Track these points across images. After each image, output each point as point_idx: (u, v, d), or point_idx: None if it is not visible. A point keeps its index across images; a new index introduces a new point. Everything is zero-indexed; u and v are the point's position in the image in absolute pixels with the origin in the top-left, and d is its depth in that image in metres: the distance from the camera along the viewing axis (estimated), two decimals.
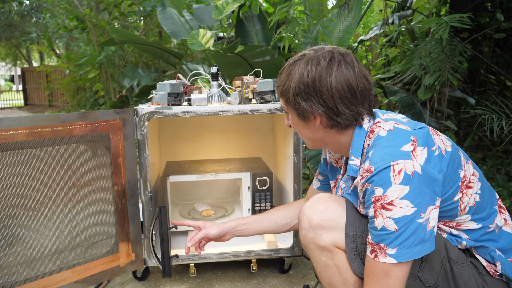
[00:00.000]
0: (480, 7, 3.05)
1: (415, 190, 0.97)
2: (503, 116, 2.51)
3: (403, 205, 0.97)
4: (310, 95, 1.06)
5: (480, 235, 1.12)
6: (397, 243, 0.98)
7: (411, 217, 0.97)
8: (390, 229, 0.98)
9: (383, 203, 0.99)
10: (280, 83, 1.13)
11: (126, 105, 4.41)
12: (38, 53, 18.60)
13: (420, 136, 1.04)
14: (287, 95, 1.11)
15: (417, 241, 0.98)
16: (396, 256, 0.98)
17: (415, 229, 0.98)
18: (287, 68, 1.12)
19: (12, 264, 1.42)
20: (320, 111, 1.07)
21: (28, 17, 13.83)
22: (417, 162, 0.99)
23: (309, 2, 2.58)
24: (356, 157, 1.11)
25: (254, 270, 1.89)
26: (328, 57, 1.05)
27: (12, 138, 1.37)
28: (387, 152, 1.01)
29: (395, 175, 0.98)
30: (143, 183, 1.71)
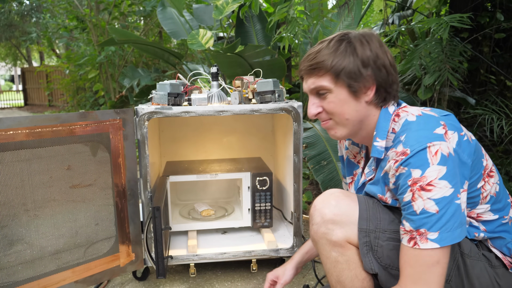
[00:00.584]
0: (480, 7, 3.05)
1: (451, 171, 0.99)
2: (503, 116, 2.51)
3: (442, 185, 0.97)
4: (370, 65, 1.09)
5: (496, 226, 1.13)
6: (439, 226, 0.97)
7: (450, 198, 0.97)
8: (431, 211, 0.97)
9: (422, 184, 0.98)
10: (326, 57, 1.10)
11: (126, 105, 4.41)
12: (38, 53, 18.60)
13: (449, 121, 1.06)
14: (341, 67, 1.09)
15: (457, 223, 0.98)
16: (438, 240, 0.97)
17: (455, 211, 0.98)
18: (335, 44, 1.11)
19: (12, 264, 1.42)
20: (375, 81, 1.10)
21: (28, 17, 13.83)
22: (451, 144, 1.01)
23: (309, 2, 2.58)
24: (382, 138, 1.12)
25: (254, 270, 1.89)
26: (377, 37, 1.12)
27: (12, 138, 1.37)
28: (422, 134, 1.02)
29: (432, 156, 0.98)
30: (143, 183, 1.71)
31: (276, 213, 2.24)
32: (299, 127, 1.75)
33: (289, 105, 1.73)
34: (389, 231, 1.11)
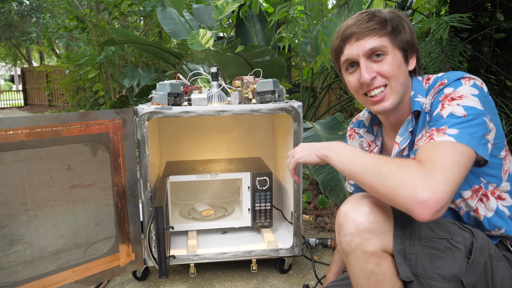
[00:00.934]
0: (480, 7, 3.05)
1: (483, 96, 1.00)
2: (503, 116, 2.51)
3: (474, 99, 0.98)
4: (415, 36, 1.16)
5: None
6: (462, 126, 0.95)
7: (480, 112, 0.97)
8: (459, 114, 0.97)
9: (454, 96, 1.00)
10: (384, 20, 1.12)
11: (126, 105, 4.41)
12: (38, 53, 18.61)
13: None
14: (399, 30, 1.12)
15: (478, 135, 0.95)
16: (457, 136, 0.94)
17: (481, 123, 0.96)
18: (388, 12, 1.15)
19: (12, 264, 1.42)
20: (417, 50, 1.17)
21: (28, 17, 13.83)
22: (484, 86, 1.03)
23: (309, 2, 2.58)
24: (423, 96, 1.12)
25: (254, 270, 1.89)
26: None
27: (12, 138, 1.37)
28: (455, 73, 1.06)
29: (465, 80, 1.02)
30: (143, 183, 1.71)
31: (276, 213, 2.24)
32: (299, 127, 1.75)
33: (289, 105, 1.73)
34: (424, 237, 1.05)
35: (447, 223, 1.08)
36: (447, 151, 0.92)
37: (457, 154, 0.91)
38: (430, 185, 0.87)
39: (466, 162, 0.92)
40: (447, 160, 0.90)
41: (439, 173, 0.88)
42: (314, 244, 2.15)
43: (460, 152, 0.92)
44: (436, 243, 1.04)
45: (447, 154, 0.91)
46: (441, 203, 0.86)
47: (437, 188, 0.86)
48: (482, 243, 1.05)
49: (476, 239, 1.05)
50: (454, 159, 0.91)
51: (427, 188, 0.86)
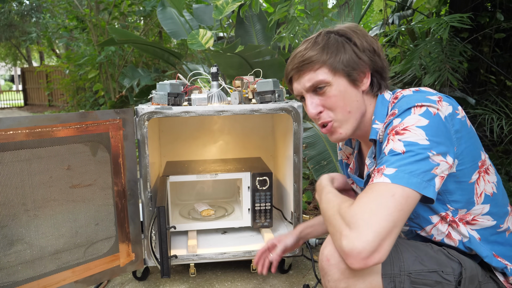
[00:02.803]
0: (480, 7, 3.05)
1: (433, 127, 0.93)
2: (503, 116, 2.51)
3: (418, 133, 0.92)
4: (365, 51, 1.08)
5: (491, 234, 1.06)
6: (398, 164, 0.90)
7: (422, 147, 0.91)
8: (398, 151, 0.92)
9: (398, 129, 0.95)
10: (315, 53, 1.08)
11: (126, 105, 4.41)
12: (38, 53, 18.60)
13: (447, 97, 1.03)
14: (337, 58, 1.07)
15: (419, 172, 0.90)
16: (392, 177, 0.89)
17: (422, 159, 0.90)
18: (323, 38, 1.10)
19: (12, 264, 1.42)
20: (369, 66, 1.08)
21: (28, 17, 13.83)
22: (442, 111, 0.96)
23: (309, 1, 2.58)
24: (381, 121, 1.08)
25: (254, 270, 1.89)
26: (362, 28, 1.12)
27: (12, 138, 1.37)
28: (413, 97, 1.00)
29: (416, 109, 0.96)
30: (143, 183, 1.71)
31: (276, 213, 2.24)
32: (299, 127, 1.75)
33: (289, 105, 1.73)
34: (414, 273, 1.02)
35: (434, 253, 1.05)
36: (378, 194, 0.88)
37: (387, 197, 0.87)
38: (350, 236, 0.85)
39: (401, 204, 0.87)
40: (374, 205, 0.87)
41: (362, 220, 0.85)
42: (314, 244, 2.15)
43: (392, 194, 0.87)
44: (425, 277, 1.01)
45: (376, 197, 0.88)
46: (365, 253, 0.84)
47: (356, 239, 0.84)
48: (471, 272, 1.03)
49: (465, 269, 1.02)
50: (382, 203, 0.87)
51: (347, 239, 0.85)
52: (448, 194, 1.03)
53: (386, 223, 0.85)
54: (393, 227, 0.86)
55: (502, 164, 2.92)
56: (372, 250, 0.84)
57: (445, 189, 1.02)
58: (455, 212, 1.05)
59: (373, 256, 0.84)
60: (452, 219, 1.06)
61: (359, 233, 0.84)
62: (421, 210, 1.07)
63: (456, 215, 1.05)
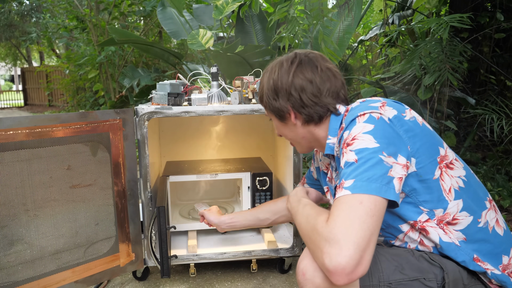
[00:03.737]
0: (480, 7, 3.05)
1: (379, 129, 0.96)
2: (503, 116, 2.51)
3: (366, 138, 0.95)
4: (278, 94, 1.14)
5: (474, 231, 1.04)
6: (355, 174, 0.91)
7: (372, 150, 0.93)
8: (351, 160, 0.94)
9: (348, 141, 0.98)
10: (258, 92, 1.23)
11: (126, 105, 4.41)
12: (38, 53, 18.61)
13: (392, 101, 1.06)
14: (262, 101, 1.21)
15: (376, 177, 0.90)
16: (351, 188, 0.90)
17: (376, 163, 0.92)
18: (261, 76, 1.22)
19: (12, 264, 1.42)
20: (289, 106, 1.14)
21: (28, 17, 13.83)
22: (385, 114, 0.99)
23: (309, 1, 2.58)
24: (333, 135, 1.12)
25: (254, 270, 1.89)
26: (290, 59, 1.15)
27: (12, 138, 1.37)
28: (357, 109, 1.04)
29: (360, 118, 1.00)
30: (143, 183, 1.71)
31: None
32: None
33: None
34: (394, 282, 1.01)
35: (415, 259, 1.04)
36: (346, 206, 0.88)
37: (356, 207, 0.87)
38: (332, 253, 0.84)
39: (370, 209, 0.87)
40: (346, 218, 0.86)
41: (340, 234, 0.85)
42: None
43: (359, 202, 0.87)
44: (407, 286, 1.00)
45: (346, 209, 0.87)
46: (349, 268, 0.83)
47: (338, 255, 0.83)
48: (454, 276, 1.01)
49: (447, 274, 1.01)
50: (353, 213, 0.86)
51: (329, 257, 0.84)
52: (416, 194, 1.02)
53: (363, 232, 0.85)
54: (370, 235, 0.86)
55: (502, 164, 2.92)
56: (355, 263, 0.83)
57: (411, 189, 1.02)
58: (431, 213, 1.03)
59: (357, 269, 0.84)
60: (422, 227, 1.04)
61: (339, 248, 0.83)
62: (390, 219, 1.07)
63: (434, 217, 1.04)
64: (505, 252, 1.07)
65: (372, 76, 4.37)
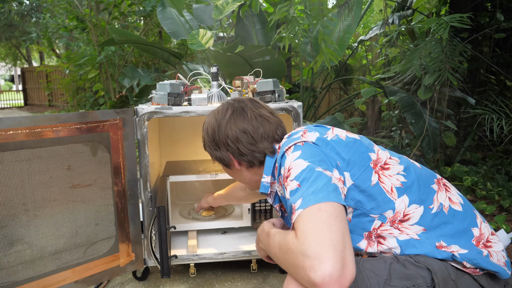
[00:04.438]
0: (480, 7, 3.05)
1: (307, 152, 1.03)
2: (503, 116, 2.51)
3: (298, 163, 1.01)
4: (217, 144, 1.23)
5: (430, 219, 1.05)
6: (300, 194, 0.93)
7: (308, 168, 0.98)
8: (294, 188, 0.97)
9: (285, 174, 1.03)
10: (202, 140, 1.29)
11: (126, 105, 4.41)
12: (38, 53, 18.61)
13: (312, 127, 1.15)
14: (205, 149, 1.29)
15: (321, 186, 0.93)
16: (302, 205, 0.91)
17: (316, 177, 0.95)
18: (203, 124, 1.29)
19: (12, 264, 1.42)
20: (230, 155, 1.22)
21: (28, 17, 13.83)
22: (308, 139, 1.08)
23: (309, 1, 2.58)
24: (267, 174, 1.19)
25: (254, 270, 1.89)
26: (224, 109, 1.22)
27: (12, 138, 1.37)
28: (284, 145, 1.11)
29: (288, 151, 1.07)
30: (143, 183, 1.71)
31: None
32: (299, 127, 1.75)
33: (289, 105, 1.73)
34: None
35: (401, 266, 1.03)
36: (307, 219, 0.89)
37: (316, 215, 0.88)
38: (313, 264, 0.82)
39: (331, 212, 0.88)
40: (312, 228, 0.86)
41: (313, 242, 0.84)
42: None
43: (318, 209, 0.89)
44: None
45: (309, 221, 0.88)
46: (337, 271, 0.81)
47: (321, 264, 0.81)
48: (442, 275, 1.01)
49: (435, 274, 1.01)
50: (317, 220, 0.87)
51: (314, 270, 0.82)
52: (362, 205, 1.05)
53: (334, 233, 0.85)
54: (342, 235, 0.85)
55: (502, 164, 2.92)
56: (340, 266, 0.82)
57: (356, 201, 1.04)
58: (382, 217, 1.04)
59: (344, 272, 0.82)
60: (377, 234, 1.05)
61: (319, 258, 0.82)
62: None
63: (386, 220, 1.04)
64: (472, 225, 1.09)
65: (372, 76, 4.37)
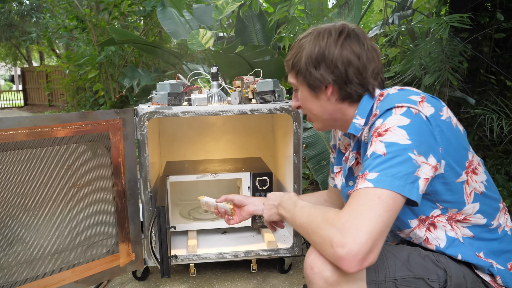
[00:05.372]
0: (480, 7, 3.05)
1: (415, 126, 0.93)
2: (503, 116, 2.51)
3: (399, 133, 0.93)
4: (321, 63, 1.06)
5: (483, 231, 1.06)
6: (380, 168, 0.90)
7: (403, 147, 0.91)
8: (379, 152, 0.92)
9: (380, 130, 0.95)
10: (290, 57, 1.13)
11: (126, 105, 4.41)
12: (38, 53, 18.60)
13: (431, 98, 1.02)
14: (298, 66, 1.10)
15: (402, 174, 0.89)
16: (375, 181, 0.89)
17: (404, 160, 0.90)
18: (298, 42, 1.13)
19: (12, 264, 1.42)
20: (330, 79, 1.07)
21: (28, 17, 13.83)
22: (423, 111, 0.96)
23: (309, 1, 2.58)
24: (362, 116, 1.08)
25: (254, 270, 1.89)
26: (338, 30, 1.07)
27: (12, 138, 1.37)
28: (395, 98, 1.00)
29: (397, 109, 0.96)
30: (143, 183, 1.71)
31: None
32: (299, 127, 1.75)
33: (289, 105, 1.73)
34: (399, 279, 1.02)
35: (421, 258, 1.05)
36: (365, 199, 0.88)
37: (374, 200, 0.87)
38: (345, 241, 0.85)
39: (388, 205, 0.87)
40: (363, 208, 0.87)
41: (353, 224, 0.85)
42: None
43: (378, 196, 0.88)
44: (410, 284, 1.01)
45: (364, 201, 0.88)
46: (361, 254, 0.84)
47: (351, 243, 0.84)
48: (457, 281, 1.02)
49: (450, 277, 1.02)
50: (371, 207, 0.87)
51: (341, 245, 0.85)
52: (437, 194, 1.02)
53: (377, 224, 0.85)
54: (384, 227, 0.87)
55: (502, 164, 2.92)
56: (367, 250, 0.84)
57: (433, 189, 1.01)
58: (445, 210, 1.04)
59: (369, 256, 0.85)
60: (432, 222, 1.05)
61: (353, 237, 0.84)
62: (401, 213, 1.06)
63: (446, 213, 1.05)
64: None
65: None
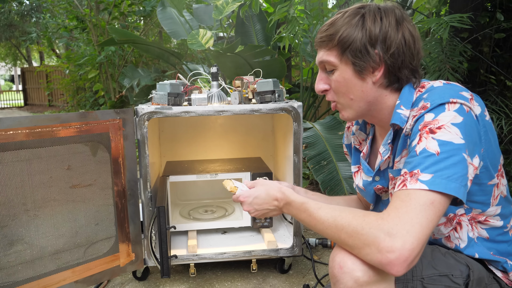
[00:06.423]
0: (480, 7, 3.05)
1: (467, 125, 0.89)
2: (503, 116, 2.51)
3: (452, 131, 0.87)
4: (380, 43, 0.99)
5: (498, 234, 1.07)
6: (435, 169, 0.85)
7: (457, 147, 0.86)
8: (431, 151, 0.87)
9: (432, 127, 0.89)
10: (334, 31, 1.02)
11: (126, 105, 4.41)
12: (38, 53, 18.61)
13: (476, 96, 0.99)
14: (348, 43, 1.00)
15: (457, 176, 0.85)
16: (429, 183, 0.84)
17: (459, 161, 0.86)
18: (349, 16, 1.03)
19: (12, 264, 1.42)
20: (387, 61, 1.00)
21: (28, 17, 13.83)
22: (474, 110, 0.93)
23: (309, 1, 2.58)
24: (407, 107, 1.01)
25: (254, 270, 1.89)
26: (398, 12, 1.02)
27: (12, 138, 1.37)
28: (447, 92, 0.94)
29: (450, 105, 0.91)
30: (143, 183, 1.71)
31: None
32: (299, 127, 1.75)
33: (289, 105, 1.73)
34: (426, 277, 1.02)
35: (442, 256, 1.05)
36: (417, 203, 0.85)
37: (427, 205, 0.84)
38: (395, 246, 0.82)
39: (439, 210, 0.85)
40: (415, 213, 0.84)
41: (404, 229, 0.83)
42: (314, 244, 2.15)
43: (431, 202, 0.85)
44: (436, 282, 1.01)
45: (416, 205, 0.85)
46: (410, 259, 0.83)
47: (402, 248, 0.82)
48: (479, 275, 1.02)
49: (472, 272, 1.02)
50: (423, 212, 0.84)
51: (391, 250, 0.82)
52: (469, 194, 0.99)
53: (427, 230, 0.84)
54: (431, 231, 0.86)
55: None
56: (416, 255, 0.83)
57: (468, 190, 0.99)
58: (469, 210, 1.04)
59: (415, 260, 0.84)
60: (458, 221, 1.05)
61: (403, 242, 0.82)
62: None
63: (469, 213, 1.05)
64: None
65: None
